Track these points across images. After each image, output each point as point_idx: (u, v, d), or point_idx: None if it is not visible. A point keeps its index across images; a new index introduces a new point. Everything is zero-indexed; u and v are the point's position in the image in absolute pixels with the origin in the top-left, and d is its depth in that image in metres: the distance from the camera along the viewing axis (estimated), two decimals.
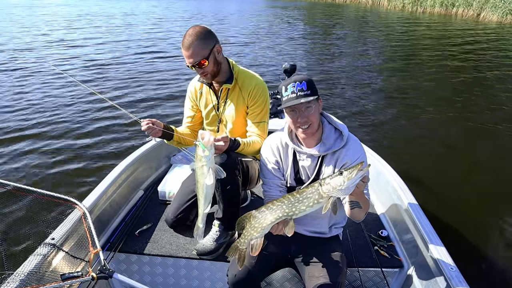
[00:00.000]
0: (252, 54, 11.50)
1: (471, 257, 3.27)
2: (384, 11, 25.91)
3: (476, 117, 6.82)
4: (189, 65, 2.20)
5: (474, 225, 3.71)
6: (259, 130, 2.37)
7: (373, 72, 10.05)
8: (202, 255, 2.33)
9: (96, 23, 18.01)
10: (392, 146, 5.44)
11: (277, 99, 3.91)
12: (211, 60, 2.21)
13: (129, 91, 7.75)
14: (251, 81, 2.37)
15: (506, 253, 3.40)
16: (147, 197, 2.96)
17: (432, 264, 2.13)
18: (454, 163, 5.02)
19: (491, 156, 5.31)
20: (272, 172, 2.06)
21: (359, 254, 2.38)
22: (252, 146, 2.29)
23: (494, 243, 3.52)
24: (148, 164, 3.19)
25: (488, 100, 7.89)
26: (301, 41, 14.60)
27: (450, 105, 7.45)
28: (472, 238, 3.51)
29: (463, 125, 6.50)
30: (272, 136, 2.10)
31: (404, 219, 2.54)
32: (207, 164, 1.82)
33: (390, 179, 2.84)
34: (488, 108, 7.33)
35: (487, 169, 4.94)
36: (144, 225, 2.62)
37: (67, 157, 4.91)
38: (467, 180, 4.62)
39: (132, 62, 10.35)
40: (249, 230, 1.79)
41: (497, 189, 4.45)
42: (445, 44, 14.02)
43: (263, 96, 2.37)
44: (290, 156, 2.02)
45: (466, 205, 4.04)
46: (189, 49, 2.14)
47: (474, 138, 5.97)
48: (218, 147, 2.01)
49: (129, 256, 2.43)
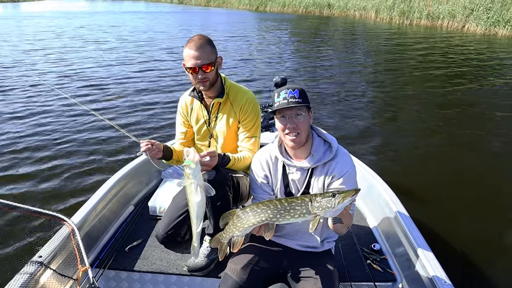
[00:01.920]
0: (242, 68, 11.52)
1: (464, 269, 3.27)
2: (372, 23, 26.24)
3: (465, 128, 6.91)
4: (191, 68, 2.17)
5: (467, 237, 3.72)
6: (250, 145, 2.36)
7: (362, 84, 10.15)
8: (193, 271, 2.30)
9: (84, 36, 17.95)
10: (383, 159, 5.47)
11: (267, 112, 3.91)
12: (215, 68, 2.23)
13: (119, 104, 7.70)
14: (243, 95, 2.37)
15: (499, 265, 3.41)
16: (138, 212, 2.93)
17: (425, 278, 2.12)
18: (445, 175, 5.05)
19: (481, 168, 5.36)
20: (261, 187, 2.07)
21: (352, 268, 2.37)
22: (243, 161, 2.28)
23: (487, 255, 3.52)
24: (139, 178, 3.15)
25: (476, 111, 8.01)
26: (290, 54, 14.70)
27: (439, 117, 7.54)
28: (464, 250, 3.52)
29: (453, 136, 6.58)
30: (261, 150, 2.11)
31: (397, 232, 2.53)
32: (195, 182, 1.81)
33: (382, 192, 2.84)
34: (477, 119, 7.45)
35: (479, 180, 4.99)
36: (134, 241, 2.58)
37: (56, 172, 4.84)
38: (458, 192, 4.65)
39: (122, 75, 10.32)
40: (231, 228, 1.84)
41: (488, 200, 4.48)
42: (431, 55, 14.22)
43: (255, 111, 2.37)
44: (280, 170, 2.02)
45: (458, 217, 4.05)
46: (198, 50, 2.14)
47: (464, 149, 6.03)
48: (205, 163, 2.00)
49: (119, 273, 2.39)
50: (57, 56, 12.68)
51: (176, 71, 10.82)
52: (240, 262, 1.99)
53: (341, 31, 22.53)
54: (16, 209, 2.22)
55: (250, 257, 2.03)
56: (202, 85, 2.26)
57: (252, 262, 2.01)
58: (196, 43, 2.14)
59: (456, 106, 8.26)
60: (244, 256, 2.04)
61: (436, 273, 2.04)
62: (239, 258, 2.03)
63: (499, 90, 9.69)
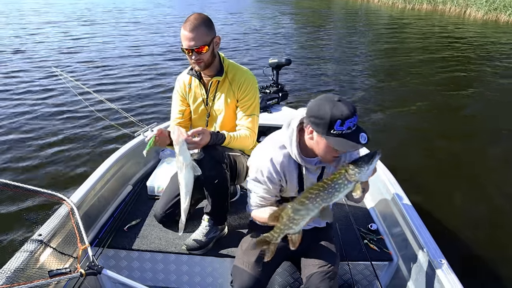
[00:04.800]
0: (240, 49, 11.45)
1: (460, 249, 3.31)
2: (374, 7, 26.02)
3: (465, 110, 6.95)
4: (186, 49, 2.17)
5: (463, 217, 3.76)
6: (249, 123, 2.35)
7: (361, 67, 10.11)
8: (192, 250, 2.32)
9: (82, 18, 17.71)
10: (382, 141, 5.48)
11: (265, 93, 3.90)
12: (210, 49, 2.20)
13: (119, 87, 7.67)
14: (242, 74, 2.36)
15: (495, 247, 3.45)
16: (136, 192, 2.94)
17: (421, 257, 2.15)
18: (444, 157, 5.08)
19: (480, 150, 5.39)
20: (271, 194, 1.95)
21: (349, 247, 2.39)
22: (240, 139, 2.27)
23: (483, 234, 3.57)
24: (137, 159, 3.16)
25: (477, 94, 8.03)
26: (289, 36, 14.58)
27: (440, 99, 7.56)
28: (461, 230, 3.56)
29: (452, 118, 6.60)
30: (271, 152, 1.89)
31: (394, 213, 2.56)
32: (182, 160, 1.82)
33: (380, 173, 2.85)
34: (478, 102, 7.49)
35: (477, 162, 5.02)
36: (132, 220, 2.59)
37: (55, 153, 4.85)
38: (457, 174, 4.68)
39: (121, 57, 10.24)
40: (287, 224, 1.67)
41: (485, 181, 4.52)
42: (431, 39, 14.13)
43: (253, 89, 2.36)
44: (296, 170, 1.90)
45: (456, 198, 4.08)
46: (192, 31, 2.12)
47: (464, 131, 6.07)
48: (194, 142, 1.97)
49: (118, 252, 2.41)
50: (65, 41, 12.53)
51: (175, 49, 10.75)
52: (253, 254, 1.95)
53: (343, 14, 22.34)
54: (16, 188, 2.22)
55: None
56: (197, 66, 2.26)
57: (264, 251, 1.95)
58: (191, 24, 2.12)
59: (454, 89, 8.28)
60: (253, 247, 1.93)
61: (432, 252, 2.06)
62: (249, 249, 1.98)
63: (497, 73, 9.70)
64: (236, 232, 2.53)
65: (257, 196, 1.96)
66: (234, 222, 2.64)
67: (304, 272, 1.97)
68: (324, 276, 1.89)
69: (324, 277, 1.88)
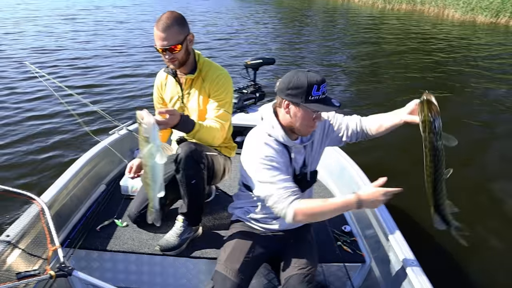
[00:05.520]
0: (218, 48, 11.40)
1: (432, 250, 3.36)
2: (355, 7, 26.29)
3: (441, 107, 7.08)
4: (160, 48, 2.15)
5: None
6: (218, 116, 2.28)
7: (340, 67, 10.20)
8: (165, 251, 2.30)
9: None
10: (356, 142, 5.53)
11: (243, 93, 3.89)
12: (184, 47, 2.18)
13: (93, 84, 7.54)
14: (215, 71, 2.35)
15: (467, 248, 3.50)
16: (109, 191, 2.89)
17: (393, 258, 2.18)
18: (417, 158, 5.15)
19: (453, 151, 5.48)
20: (289, 173, 1.88)
21: (323, 249, 2.40)
22: (209, 130, 2.19)
23: (454, 237, 3.63)
24: (111, 158, 3.11)
25: (453, 90, 8.29)
26: (269, 35, 14.59)
27: (417, 97, 7.68)
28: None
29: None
30: (262, 140, 1.87)
31: (367, 215, 2.59)
32: (155, 144, 1.74)
33: (353, 175, 2.89)
34: (453, 98, 7.78)
35: (450, 162, 5.09)
36: (105, 220, 2.55)
37: (25, 151, 4.72)
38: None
39: (97, 54, 10.07)
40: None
41: (458, 182, 4.59)
42: (410, 39, 14.37)
43: (226, 85, 2.33)
44: (287, 155, 1.91)
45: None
46: (165, 31, 2.09)
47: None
48: (163, 122, 1.88)
49: (90, 253, 2.37)
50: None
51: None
52: (237, 261, 1.93)
53: (324, 13, 22.49)
54: None
55: (245, 252, 1.99)
56: (171, 64, 2.25)
57: (248, 257, 1.98)
58: (163, 23, 2.09)
59: (432, 87, 8.41)
60: (239, 251, 1.99)
61: (405, 254, 2.10)
62: (234, 254, 1.97)
63: (472, 72, 9.96)
64: (211, 233, 2.52)
65: (283, 183, 1.77)
66: (209, 223, 2.62)
67: (282, 274, 1.98)
68: (304, 279, 1.90)
69: (304, 279, 1.89)
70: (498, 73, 10.00)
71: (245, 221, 2.15)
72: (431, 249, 3.38)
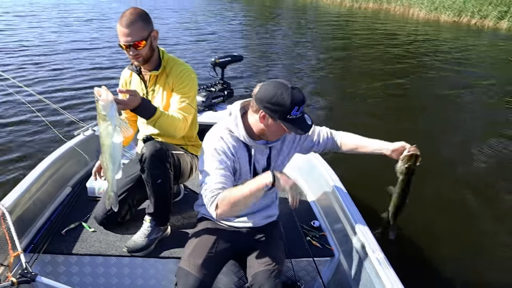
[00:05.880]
0: (185, 49, 11.30)
1: (399, 244, 3.43)
2: (323, 5, 26.60)
3: (409, 107, 7.43)
4: (124, 45, 2.12)
5: (403, 213, 3.90)
6: (182, 109, 2.24)
7: (308, 64, 10.32)
8: (133, 252, 2.26)
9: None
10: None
11: (211, 92, 3.87)
12: (148, 43, 2.16)
13: (57, 84, 7.33)
14: (179, 67, 2.33)
15: (433, 241, 3.63)
16: (75, 194, 2.82)
17: (360, 251, 2.23)
18: (385, 160, 5.25)
19: (421, 144, 5.64)
20: (231, 172, 1.90)
21: (292, 245, 2.42)
22: (171, 119, 2.14)
23: (422, 230, 3.73)
24: (76, 159, 3.03)
25: (414, 84, 8.70)
26: (237, 33, 14.60)
27: (381, 93, 8.00)
28: (400, 224, 3.70)
29: (396, 116, 6.95)
30: (220, 134, 1.91)
31: (335, 209, 2.62)
32: (112, 123, 1.68)
33: (322, 170, 2.92)
34: (415, 92, 8.25)
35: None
36: (71, 223, 2.48)
37: None
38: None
39: (61, 53, 9.81)
40: None
41: (425, 176, 4.72)
42: (375, 36, 14.67)
43: (190, 80, 2.31)
44: (246, 153, 1.95)
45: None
46: (128, 27, 2.06)
47: (405, 128, 6.40)
48: (123, 102, 1.84)
49: (55, 257, 2.31)
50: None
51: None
52: (200, 256, 1.93)
53: (293, 11, 22.65)
54: None
55: (208, 247, 1.99)
56: (136, 61, 2.22)
57: (211, 252, 1.98)
58: (127, 19, 2.07)
59: (395, 84, 8.81)
60: (202, 247, 1.99)
61: (372, 247, 2.14)
62: (197, 250, 1.97)
63: (433, 67, 10.40)
64: (180, 232, 2.49)
65: (219, 177, 1.82)
66: (178, 222, 2.60)
67: (249, 271, 1.98)
68: (270, 275, 1.90)
69: (270, 275, 1.90)
70: (455, 66, 10.76)
71: (210, 218, 2.15)
72: (397, 243, 3.46)
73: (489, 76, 10.32)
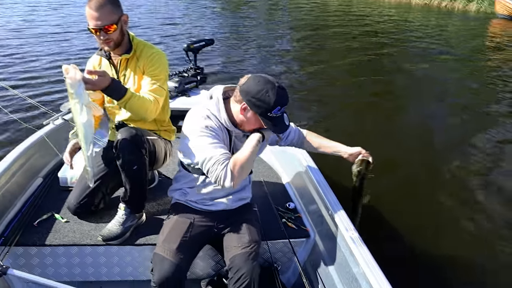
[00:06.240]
0: (157, 34, 11.12)
1: (372, 222, 3.52)
2: None
3: (380, 87, 7.66)
4: (94, 29, 2.06)
5: (375, 193, 3.97)
6: (153, 91, 2.20)
7: (281, 48, 10.33)
8: (108, 241, 2.24)
9: None
10: (299, 118, 5.65)
11: (184, 77, 3.83)
12: (118, 27, 2.12)
13: (25, 73, 7.12)
14: (149, 49, 2.30)
15: (406, 218, 3.72)
16: (47, 184, 2.76)
17: (335, 231, 2.26)
18: (359, 136, 5.35)
19: (391, 128, 5.78)
20: (223, 143, 1.92)
21: (268, 227, 2.44)
22: (142, 100, 2.10)
23: (394, 208, 3.82)
24: (47, 149, 2.95)
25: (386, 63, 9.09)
26: (210, 18, 14.43)
27: (353, 76, 8.23)
28: (373, 204, 3.78)
29: (370, 95, 7.12)
30: (203, 115, 1.92)
31: (310, 191, 2.65)
32: (80, 101, 1.67)
33: (296, 153, 2.94)
34: (390, 75, 8.60)
35: (392, 139, 5.36)
36: (43, 214, 2.43)
37: None
38: (372, 151, 4.94)
39: (28, 40, 9.49)
40: None
41: (400, 158, 4.84)
42: (348, 19, 14.76)
43: (161, 63, 2.28)
44: (227, 137, 1.98)
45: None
46: (98, 10, 2.01)
47: (376, 104, 6.61)
48: (92, 82, 1.78)
49: (28, 249, 2.26)
50: None
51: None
52: (174, 241, 1.93)
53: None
54: None
55: (183, 232, 1.99)
56: (106, 46, 2.17)
57: (186, 236, 1.98)
58: (96, 2, 2.01)
59: (368, 63, 9.13)
60: (176, 232, 1.99)
61: (346, 226, 2.18)
62: (172, 235, 1.97)
63: (403, 48, 10.67)
64: (155, 219, 2.48)
65: (220, 149, 1.83)
66: (153, 209, 2.58)
67: (227, 254, 2.00)
68: (248, 257, 1.93)
69: (248, 258, 1.92)
70: (424, 43, 11.15)
71: (184, 202, 2.15)
72: (370, 222, 3.54)
73: (454, 51, 10.95)
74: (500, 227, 3.75)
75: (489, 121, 6.24)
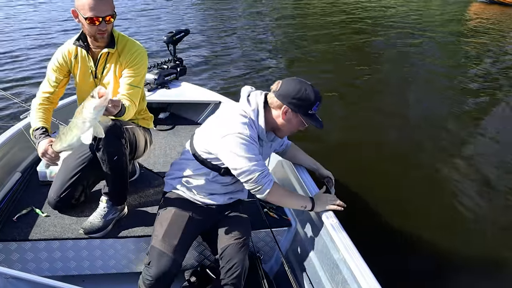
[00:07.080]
0: (137, 22, 10.97)
1: (351, 211, 3.59)
2: None
3: (364, 73, 7.85)
4: (96, 18, 2.01)
5: (356, 181, 4.05)
6: (131, 94, 2.21)
7: (264, 38, 10.31)
8: (90, 234, 2.22)
9: None
10: None
11: (163, 69, 3.79)
12: (114, 19, 2.12)
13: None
14: (132, 46, 2.29)
15: (386, 204, 3.80)
16: (26, 179, 2.72)
17: (316, 219, 2.30)
18: (340, 125, 5.40)
19: (375, 112, 5.90)
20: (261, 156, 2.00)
21: (251, 217, 2.45)
22: (127, 110, 2.09)
23: (374, 194, 3.90)
24: (25, 143, 2.89)
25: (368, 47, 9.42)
26: (189, 8, 14.29)
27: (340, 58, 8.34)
28: (353, 192, 3.85)
29: (346, 84, 7.23)
30: (250, 122, 1.93)
31: (291, 181, 2.69)
32: (91, 123, 1.64)
33: None
34: (373, 62, 8.87)
35: (375, 125, 5.44)
36: (23, 209, 2.39)
37: None
38: (352, 139, 5.01)
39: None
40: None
41: (381, 145, 4.92)
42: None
43: (142, 61, 2.28)
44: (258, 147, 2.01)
45: (350, 163, 4.39)
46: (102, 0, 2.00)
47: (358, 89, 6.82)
48: (109, 110, 1.75)
49: (8, 245, 2.23)
50: None
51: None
52: (175, 236, 1.95)
53: None
54: None
55: (182, 226, 2.01)
56: (100, 37, 2.14)
57: (185, 231, 2.00)
58: None
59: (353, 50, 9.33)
60: (176, 225, 2.00)
61: (326, 214, 2.21)
62: (171, 229, 1.98)
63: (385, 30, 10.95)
64: (138, 211, 2.48)
65: (262, 162, 1.93)
66: (135, 202, 2.57)
67: (219, 244, 2.06)
68: (240, 249, 2.01)
69: (240, 249, 2.01)
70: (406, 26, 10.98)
71: (181, 192, 2.17)
72: (350, 210, 3.61)
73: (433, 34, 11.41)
74: (471, 207, 3.96)
75: (463, 101, 6.65)
